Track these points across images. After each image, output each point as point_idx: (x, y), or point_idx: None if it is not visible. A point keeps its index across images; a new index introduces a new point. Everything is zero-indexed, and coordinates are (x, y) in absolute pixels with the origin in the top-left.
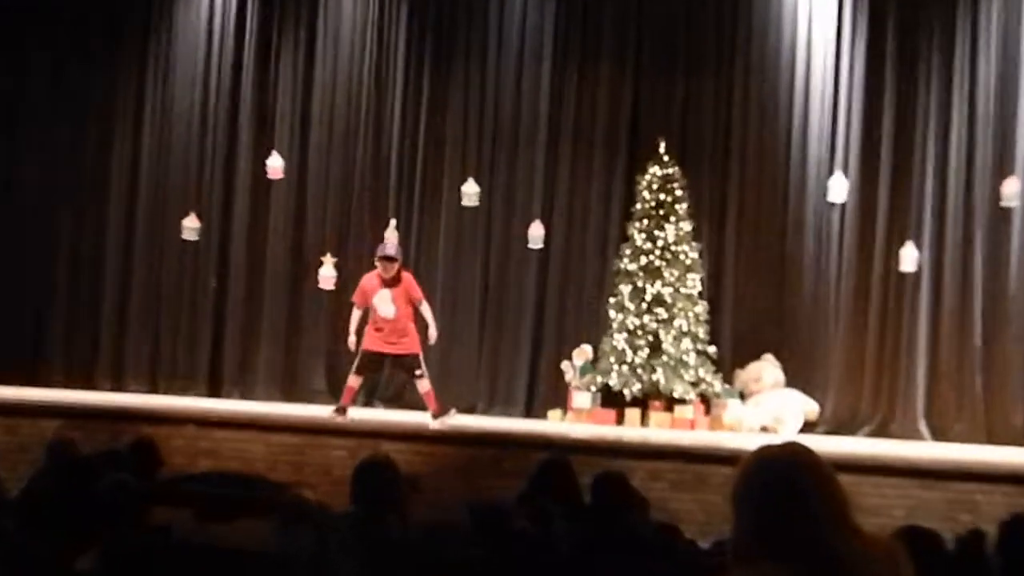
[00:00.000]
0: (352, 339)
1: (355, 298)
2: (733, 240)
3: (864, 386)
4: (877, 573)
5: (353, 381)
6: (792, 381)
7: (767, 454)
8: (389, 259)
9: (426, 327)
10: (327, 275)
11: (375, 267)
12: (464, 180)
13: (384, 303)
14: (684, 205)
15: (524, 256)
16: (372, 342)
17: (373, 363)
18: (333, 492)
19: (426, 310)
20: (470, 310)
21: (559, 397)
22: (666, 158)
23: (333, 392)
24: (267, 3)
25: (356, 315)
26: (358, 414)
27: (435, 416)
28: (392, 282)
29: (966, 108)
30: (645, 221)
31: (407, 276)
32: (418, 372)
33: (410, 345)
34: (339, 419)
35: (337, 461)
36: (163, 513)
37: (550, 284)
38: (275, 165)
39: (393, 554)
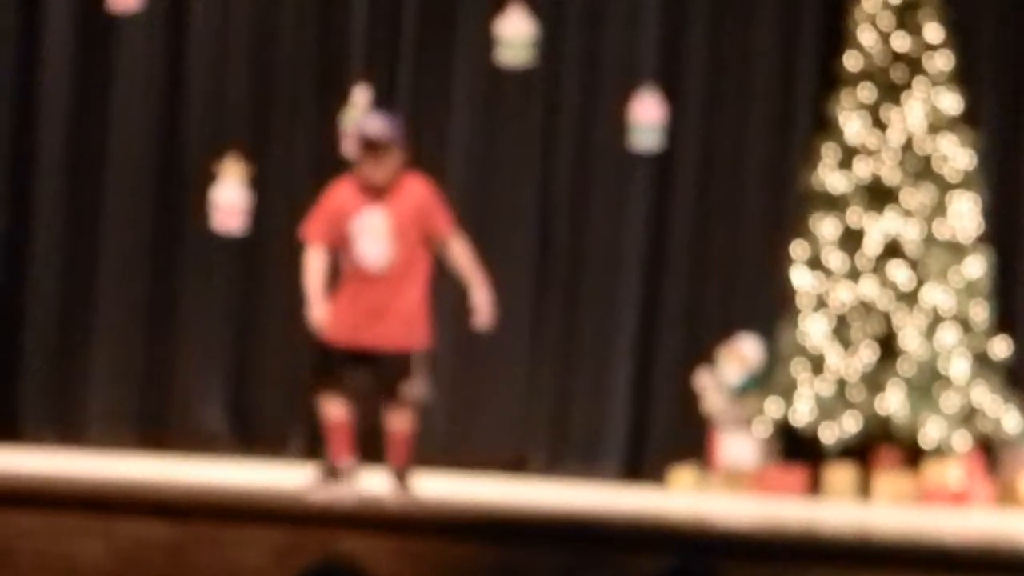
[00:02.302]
0: (319, 310)
1: (310, 228)
2: None
3: None
4: None
5: (335, 410)
6: None
7: None
8: (374, 146)
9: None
10: (228, 201)
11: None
12: (500, 9)
13: (371, 236)
14: (946, 61)
15: (624, 166)
16: (346, 325)
17: (351, 370)
18: None
19: (463, 254)
20: (519, 272)
21: (692, 443)
22: None
23: (242, 435)
24: None
25: (315, 265)
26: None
27: (399, 475)
28: (386, 193)
29: None
30: (865, 91)
31: (418, 183)
32: (408, 386)
33: (411, 332)
34: (323, 493)
35: (251, 570)
36: None
37: (674, 219)
38: None
39: None
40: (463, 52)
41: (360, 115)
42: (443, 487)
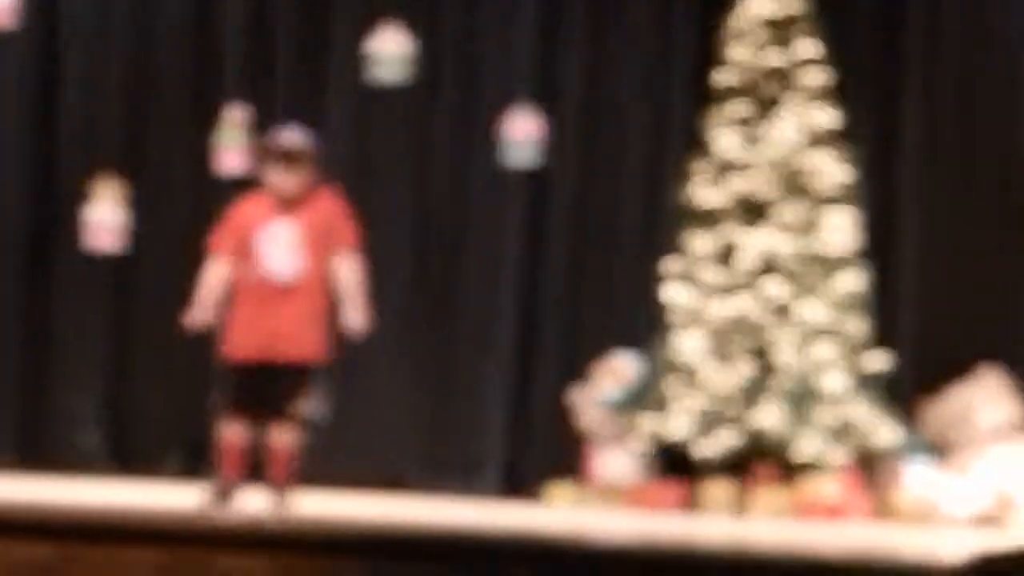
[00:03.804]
0: (201, 313)
1: (213, 239)
2: (917, 158)
3: None
4: None
5: (234, 433)
6: None
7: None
8: (288, 156)
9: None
10: (103, 221)
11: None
12: (374, 26)
13: (276, 247)
14: (820, 77)
15: (499, 182)
16: (245, 339)
17: (249, 386)
18: None
19: (352, 273)
20: (395, 289)
21: (568, 459)
22: None
23: (119, 451)
24: None
25: (214, 273)
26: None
27: (279, 492)
28: (295, 206)
29: None
30: (739, 106)
31: (329, 196)
32: (299, 403)
33: (309, 343)
34: (218, 511)
35: None
36: None
37: (550, 236)
38: None
39: None
40: (337, 69)
41: (235, 133)
42: (321, 505)
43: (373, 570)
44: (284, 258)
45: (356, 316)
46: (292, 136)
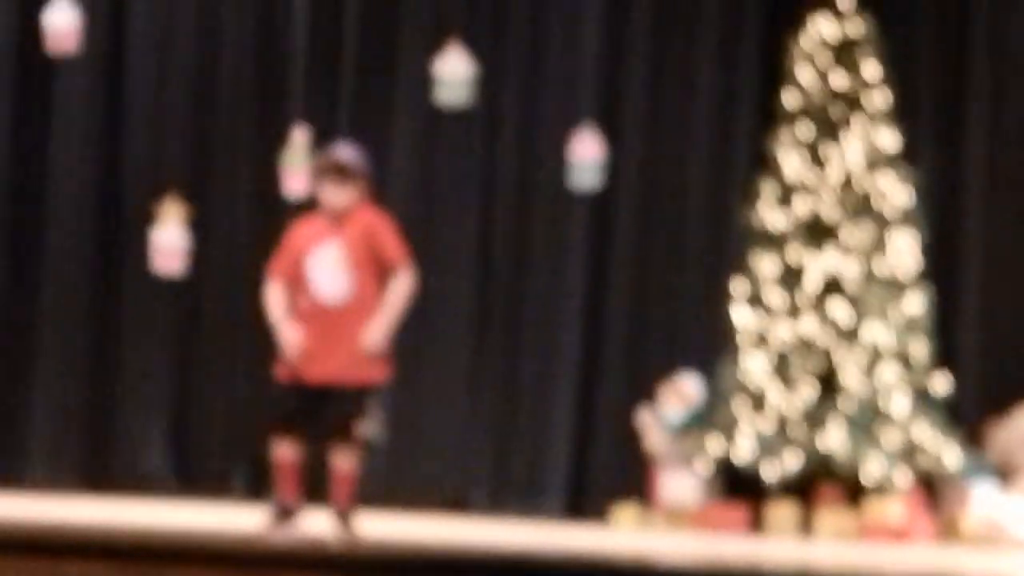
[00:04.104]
0: (290, 333)
1: (272, 264)
2: (981, 181)
3: None
4: None
5: (285, 451)
6: None
7: None
8: (340, 171)
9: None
10: (170, 243)
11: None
12: (439, 49)
13: (326, 270)
14: (884, 98)
15: (563, 204)
16: (301, 362)
17: (305, 407)
18: None
19: (395, 289)
20: (460, 310)
21: (633, 481)
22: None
23: (184, 472)
24: None
25: (276, 297)
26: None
27: (342, 515)
28: (341, 225)
29: None
30: (804, 128)
31: (369, 212)
32: (360, 425)
33: (367, 367)
34: (279, 534)
35: None
36: None
37: (614, 257)
38: (62, 24)
39: None
40: (402, 91)
41: (300, 155)
42: (384, 527)
43: None
44: (332, 281)
45: (371, 332)
46: (343, 151)
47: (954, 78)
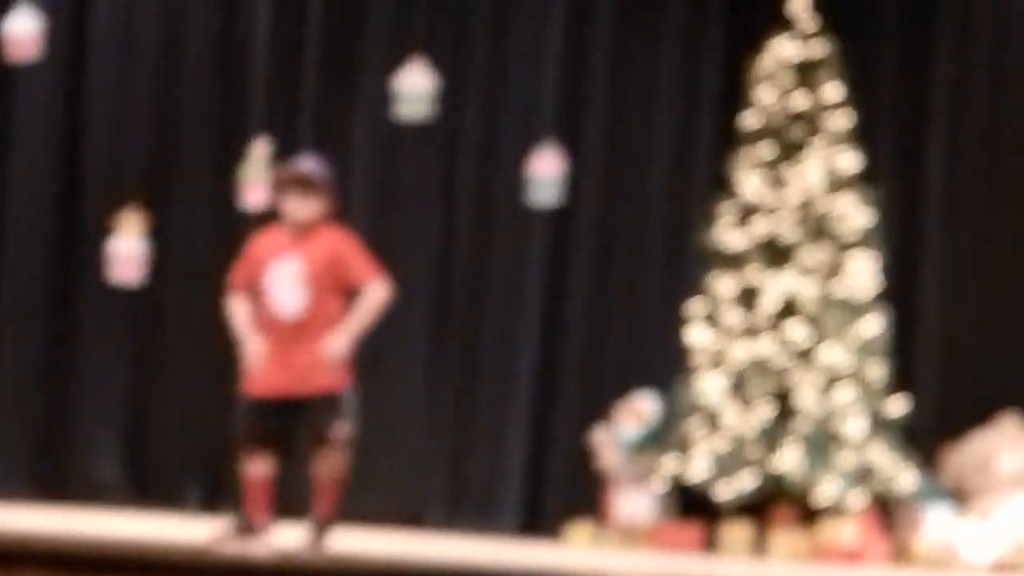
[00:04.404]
0: (254, 343)
1: (232, 275)
2: (940, 203)
3: None
4: None
5: (255, 467)
6: None
7: None
8: (303, 183)
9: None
10: (126, 253)
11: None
12: (400, 63)
13: (284, 284)
14: (845, 120)
15: (523, 220)
16: (263, 376)
17: (268, 423)
18: None
19: (366, 300)
20: (417, 324)
21: (587, 499)
22: (807, 18)
23: (138, 483)
24: None
25: (239, 308)
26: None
27: (320, 525)
28: (303, 240)
29: None
30: (764, 149)
31: (334, 232)
32: (332, 430)
33: (327, 375)
34: (245, 547)
35: None
36: None
37: (572, 274)
38: (22, 31)
39: None
40: (363, 105)
41: (260, 167)
42: (340, 541)
43: None
44: (289, 296)
45: (335, 339)
46: (306, 163)
47: (915, 100)
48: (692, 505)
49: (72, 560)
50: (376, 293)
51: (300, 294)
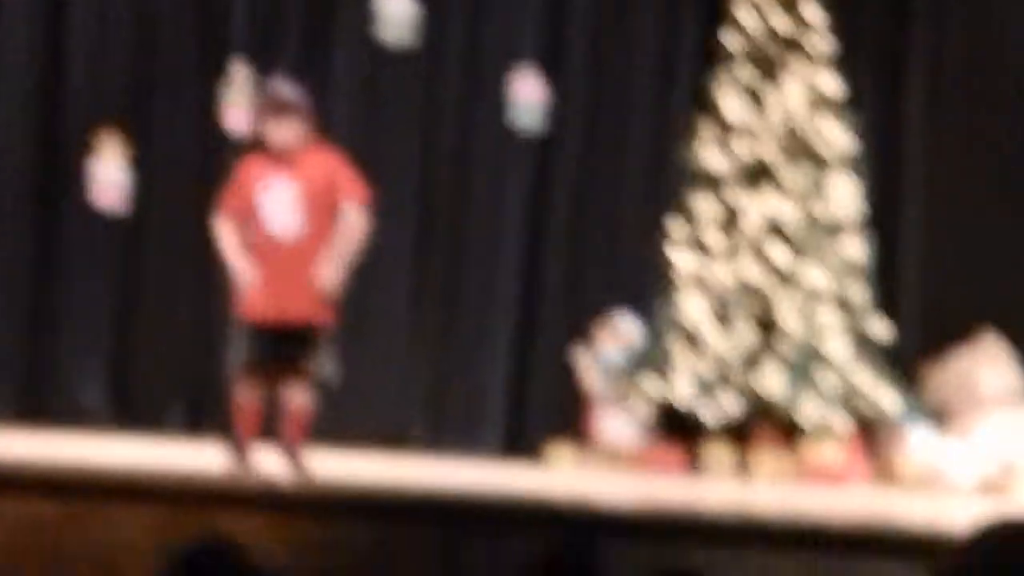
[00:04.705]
0: (246, 272)
1: (221, 202)
2: (922, 127)
3: None
4: None
5: (245, 392)
6: None
7: (995, 540)
8: (279, 107)
9: None
10: (108, 178)
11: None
12: None
13: (278, 206)
14: (825, 43)
15: (504, 144)
16: (256, 300)
17: (262, 347)
18: None
19: (348, 225)
20: (399, 249)
21: (569, 420)
22: None
23: (122, 408)
24: None
25: (228, 236)
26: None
27: (291, 451)
28: (293, 163)
29: None
30: (745, 71)
31: (326, 153)
32: (313, 363)
33: (319, 306)
34: (237, 473)
35: (128, 549)
36: None
37: (554, 197)
38: None
39: None
40: (344, 29)
41: (241, 91)
42: (324, 465)
43: (375, 530)
44: (286, 218)
45: (327, 270)
46: (282, 87)
47: (896, 24)
48: (675, 427)
49: (53, 485)
50: (358, 220)
51: (296, 217)
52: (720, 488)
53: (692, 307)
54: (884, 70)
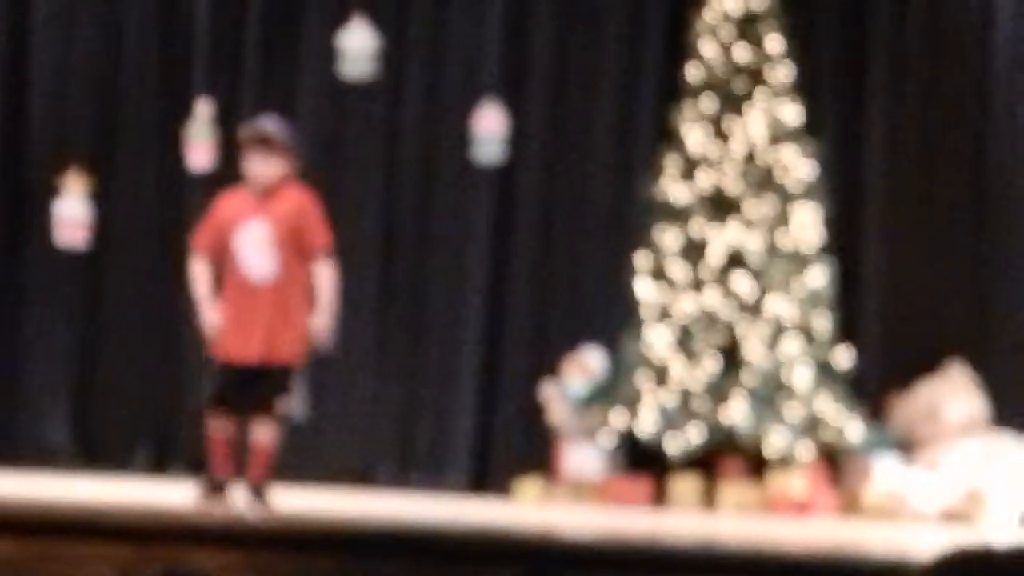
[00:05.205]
0: (211, 314)
1: (196, 238)
2: (881, 155)
3: None
4: None
5: (217, 426)
6: (1004, 418)
7: (958, 571)
8: (267, 142)
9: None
10: (71, 216)
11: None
12: (342, 21)
13: (251, 248)
14: (787, 72)
15: (467, 177)
16: (228, 338)
17: (232, 384)
18: None
19: (326, 276)
20: (364, 283)
21: (536, 453)
22: None
23: (87, 447)
24: None
25: (200, 273)
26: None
27: (256, 488)
28: (268, 201)
29: None
30: (707, 102)
31: (299, 193)
32: (281, 400)
33: (287, 343)
34: (210, 506)
35: None
36: None
37: (518, 230)
38: None
39: None
40: (306, 64)
41: (204, 127)
42: (291, 500)
43: (343, 566)
44: (258, 259)
45: (319, 327)
46: (268, 123)
47: (856, 52)
48: (641, 459)
49: (18, 525)
50: (329, 271)
51: (268, 257)
52: (685, 520)
53: (657, 339)
54: (845, 97)
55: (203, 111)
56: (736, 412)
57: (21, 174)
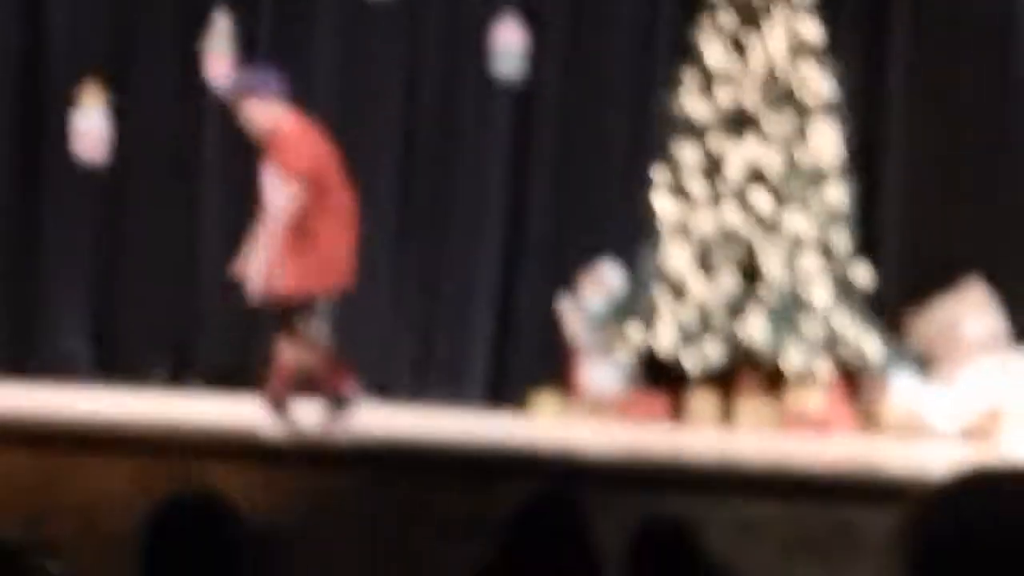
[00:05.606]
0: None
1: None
2: (904, 72)
3: None
4: None
5: (287, 351)
6: (1022, 335)
7: (974, 488)
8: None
9: None
10: (91, 128)
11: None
12: None
13: (270, 187)
14: None
15: (486, 92)
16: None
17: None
18: (104, 561)
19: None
20: (383, 201)
21: (553, 369)
22: None
23: (104, 360)
24: None
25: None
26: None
27: (275, 402)
28: (271, 145)
29: None
30: (727, 19)
31: (287, 129)
32: (307, 324)
33: (311, 275)
34: (278, 426)
35: (110, 499)
36: None
37: (537, 145)
38: None
39: None
40: None
41: (222, 40)
42: (307, 416)
43: (360, 483)
44: (274, 197)
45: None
46: (247, 78)
47: None
48: (658, 374)
49: (40, 437)
50: (289, 205)
51: (280, 194)
52: (703, 436)
53: (675, 255)
54: (866, 15)
55: (221, 23)
56: (754, 328)
57: (39, 89)
